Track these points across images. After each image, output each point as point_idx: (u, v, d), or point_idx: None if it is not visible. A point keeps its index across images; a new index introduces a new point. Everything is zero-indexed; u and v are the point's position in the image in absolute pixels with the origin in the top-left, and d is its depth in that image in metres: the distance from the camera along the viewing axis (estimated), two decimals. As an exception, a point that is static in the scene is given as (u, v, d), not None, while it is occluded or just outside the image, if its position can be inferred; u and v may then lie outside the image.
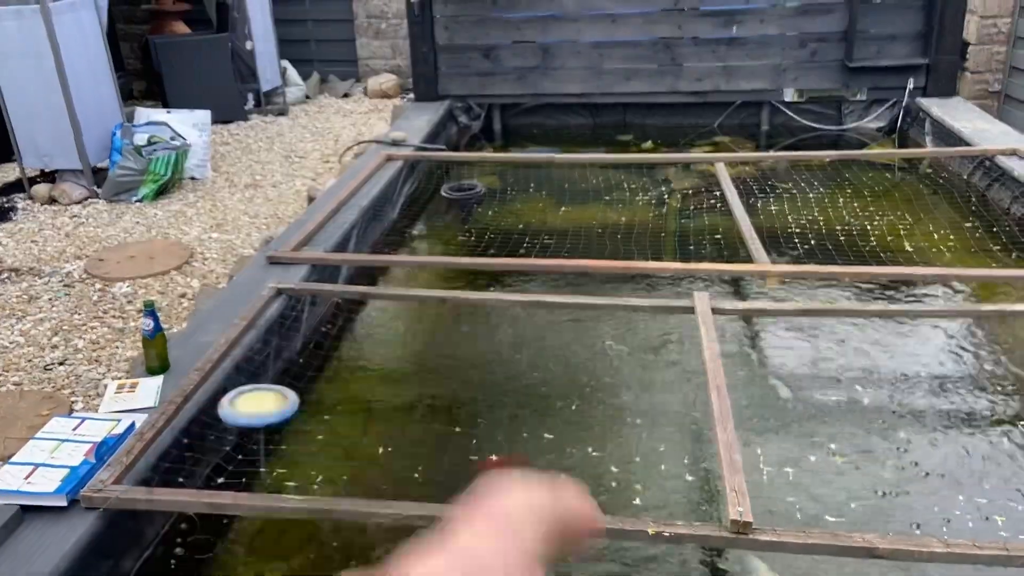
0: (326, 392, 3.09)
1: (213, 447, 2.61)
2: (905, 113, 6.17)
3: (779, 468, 2.55)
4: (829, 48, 6.18)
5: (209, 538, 2.33)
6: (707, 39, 6.29)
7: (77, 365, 3.66)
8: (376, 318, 3.72)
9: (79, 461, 2.21)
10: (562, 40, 6.41)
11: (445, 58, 6.56)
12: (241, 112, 7.80)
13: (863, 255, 3.92)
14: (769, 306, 3.30)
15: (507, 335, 3.51)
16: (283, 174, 6.29)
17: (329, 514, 2.11)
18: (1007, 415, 2.82)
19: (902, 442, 2.68)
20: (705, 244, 4.14)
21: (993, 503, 2.40)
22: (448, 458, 2.62)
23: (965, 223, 4.41)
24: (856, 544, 1.93)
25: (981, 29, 6.67)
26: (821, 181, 5.05)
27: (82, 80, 5.63)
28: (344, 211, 4.25)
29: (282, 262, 3.59)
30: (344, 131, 7.47)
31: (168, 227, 5.26)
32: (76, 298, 4.29)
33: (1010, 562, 1.89)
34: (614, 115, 6.77)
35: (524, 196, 5.05)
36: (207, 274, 4.56)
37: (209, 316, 3.15)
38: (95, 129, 5.75)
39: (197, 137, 6.18)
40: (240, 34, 7.78)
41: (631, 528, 2.00)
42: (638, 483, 2.52)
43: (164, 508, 2.21)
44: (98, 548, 2.08)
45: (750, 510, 1.97)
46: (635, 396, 2.99)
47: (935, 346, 3.27)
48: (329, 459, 2.68)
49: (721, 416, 2.36)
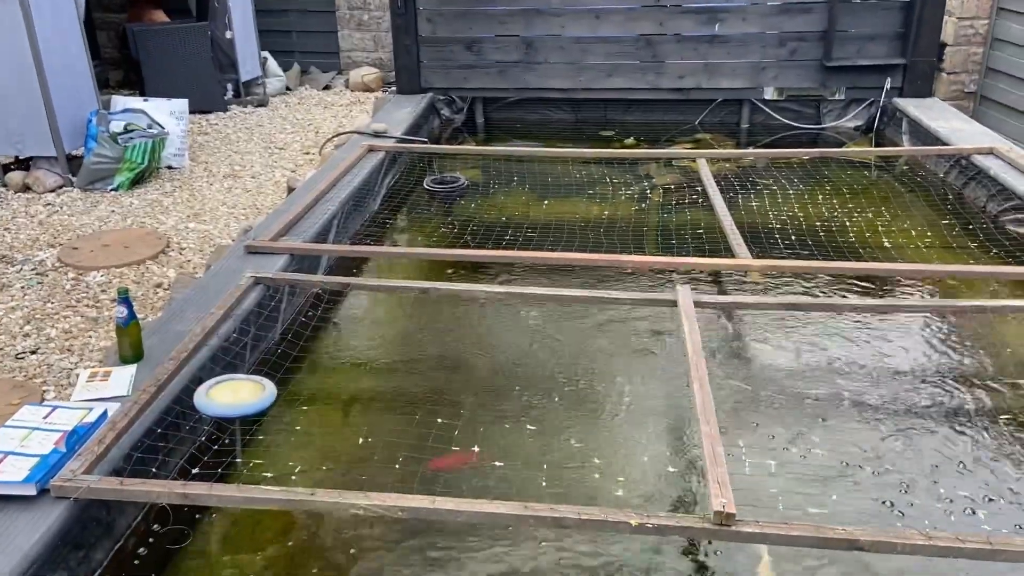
0: (304, 382, 3.05)
1: (188, 437, 2.57)
2: (882, 113, 6.22)
3: (761, 460, 2.55)
4: (809, 47, 6.22)
5: (184, 529, 2.29)
6: (689, 36, 6.30)
7: (49, 354, 3.59)
8: (356, 309, 3.68)
9: (49, 450, 2.16)
10: (545, 34, 6.39)
11: (428, 51, 6.52)
12: (220, 102, 7.71)
13: (842, 251, 3.94)
14: (750, 300, 3.30)
15: (488, 327, 3.49)
16: (262, 165, 6.22)
17: (306, 505, 2.07)
18: (985, 408, 2.84)
19: (882, 434, 2.69)
20: (687, 239, 4.14)
21: (975, 496, 2.41)
22: (428, 449, 2.59)
23: (942, 220, 4.44)
24: (838, 536, 1.93)
25: (958, 30, 6.74)
26: (800, 178, 5.07)
27: (57, 66, 5.53)
28: (324, 202, 4.21)
29: (260, 252, 3.55)
30: (325, 123, 7.40)
31: (144, 216, 5.18)
32: (49, 287, 4.21)
33: (993, 556, 1.89)
34: (596, 111, 6.77)
35: (507, 190, 5.03)
36: (184, 264, 4.50)
37: (185, 305, 3.10)
38: (70, 116, 5.65)
39: (175, 125, 6.09)
40: (220, 23, 7.68)
41: (614, 519, 1.98)
42: (621, 475, 2.51)
43: (136, 499, 2.16)
44: (68, 539, 2.04)
45: (733, 502, 1.97)
46: (618, 388, 2.98)
47: (913, 340, 3.29)
48: (307, 450, 2.65)
49: (703, 409, 2.36)
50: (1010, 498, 2.41)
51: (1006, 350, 3.21)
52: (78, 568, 2.07)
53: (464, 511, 2.02)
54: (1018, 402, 2.87)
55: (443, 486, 2.42)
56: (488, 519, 2.05)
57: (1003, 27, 6.51)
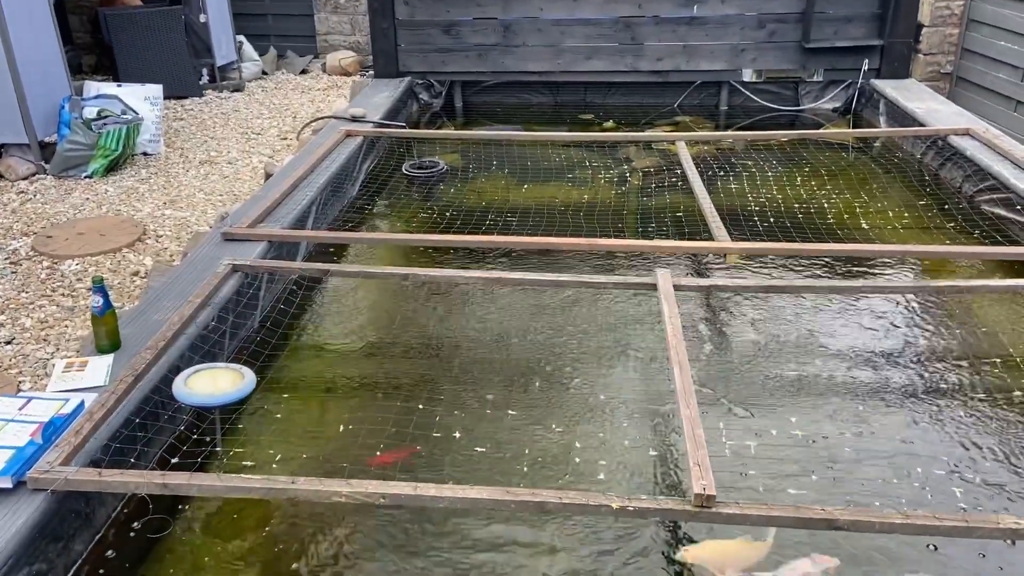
0: (284, 370, 3.03)
1: (167, 427, 2.55)
2: (860, 94, 6.25)
3: (741, 442, 2.56)
4: (787, 29, 6.22)
5: (164, 519, 2.28)
6: (668, 18, 6.28)
7: (24, 344, 3.54)
8: (336, 296, 3.65)
9: (25, 442, 2.14)
10: (523, 17, 6.35)
11: (405, 34, 6.47)
12: (195, 87, 7.61)
13: (820, 232, 3.96)
14: (730, 282, 3.31)
15: (469, 312, 3.48)
16: (239, 151, 6.15)
17: (287, 494, 2.06)
18: (962, 387, 2.87)
19: (860, 414, 2.72)
20: (666, 222, 4.14)
21: (951, 475, 2.44)
22: (410, 436, 2.58)
23: (919, 201, 4.48)
24: (817, 516, 1.95)
25: (934, 11, 6.77)
26: (779, 160, 5.09)
27: (28, 51, 5.43)
28: (302, 188, 4.17)
29: (238, 239, 3.51)
30: (302, 108, 7.33)
31: (120, 204, 5.12)
32: (23, 276, 4.15)
33: (969, 533, 1.92)
34: (575, 94, 6.75)
35: (486, 174, 5.00)
36: (160, 252, 4.45)
37: (162, 293, 3.07)
38: (42, 102, 5.56)
39: (149, 111, 6.01)
40: (194, 7, 7.57)
41: (596, 503, 1.99)
42: (602, 459, 2.52)
43: (115, 490, 2.15)
44: (46, 531, 2.02)
45: (713, 484, 1.98)
46: (599, 372, 2.98)
47: (891, 321, 3.32)
48: (287, 438, 2.64)
49: (684, 392, 2.37)
50: (984, 473, 2.44)
51: (981, 329, 3.25)
52: (57, 560, 2.06)
53: (446, 496, 2.02)
54: (993, 380, 2.90)
55: (425, 469, 2.43)
56: (470, 504, 2.05)
57: (979, 8, 6.54)
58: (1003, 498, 2.35)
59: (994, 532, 1.93)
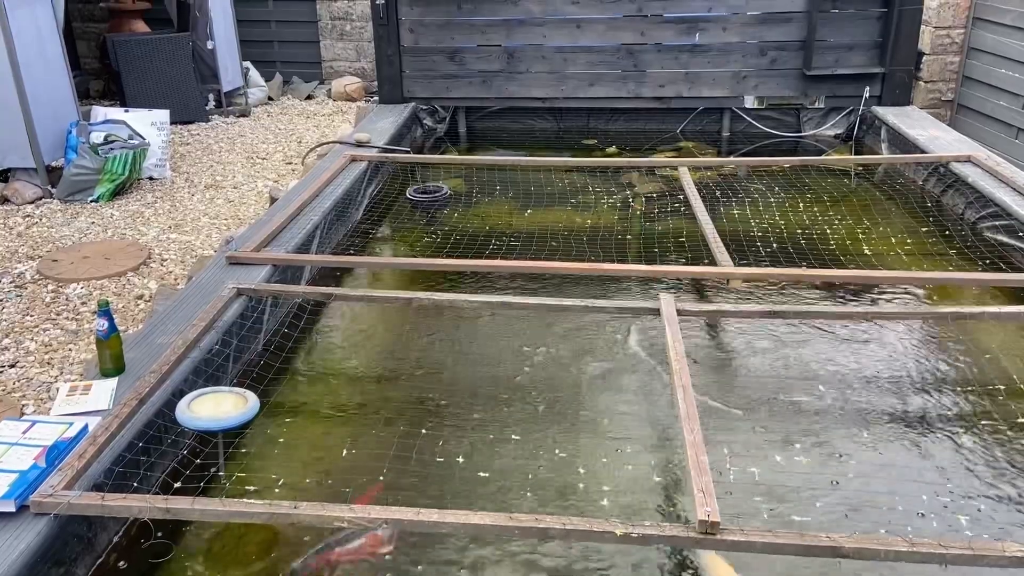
0: (288, 394, 3.03)
1: (170, 451, 2.55)
2: (861, 121, 6.28)
3: (744, 469, 2.56)
4: (788, 56, 6.28)
5: (166, 543, 2.27)
6: (670, 46, 6.34)
7: (28, 368, 3.55)
8: (340, 320, 3.66)
9: (28, 465, 2.14)
10: (527, 44, 6.42)
11: (410, 60, 6.53)
12: (202, 113, 7.67)
13: (823, 258, 3.97)
14: (733, 308, 3.31)
15: (472, 337, 3.48)
16: (244, 175, 6.19)
17: (290, 519, 2.06)
18: (967, 414, 2.86)
19: (865, 441, 2.71)
20: (669, 247, 4.16)
21: (957, 502, 2.43)
22: (413, 461, 2.58)
23: (921, 228, 4.49)
24: (822, 544, 1.94)
25: (935, 39, 6.82)
26: (781, 186, 5.11)
27: (36, 76, 5.49)
28: (307, 212, 4.19)
29: (242, 263, 3.53)
30: (307, 133, 7.38)
31: (125, 228, 5.14)
32: (28, 299, 4.17)
33: (975, 561, 1.91)
34: (578, 119, 6.80)
35: (489, 199, 5.03)
36: (165, 275, 4.46)
37: (167, 317, 3.08)
38: (50, 127, 5.60)
39: (156, 136, 6.05)
40: (201, 33, 7.65)
41: (600, 529, 1.98)
42: (606, 484, 2.51)
43: (118, 514, 2.14)
44: (48, 556, 2.02)
45: (717, 510, 1.97)
46: (602, 398, 2.98)
47: (895, 347, 3.32)
48: (290, 462, 2.63)
49: (687, 417, 2.36)
50: (990, 499, 2.43)
51: (985, 356, 3.24)
52: (58, 585, 2.05)
53: (448, 523, 2.02)
54: (996, 407, 2.89)
55: (428, 494, 2.42)
56: (473, 530, 2.04)
57: (979, 36, 6.60)
58: (1010, 525, 2.34)
59: (1000, 560, 1.92)
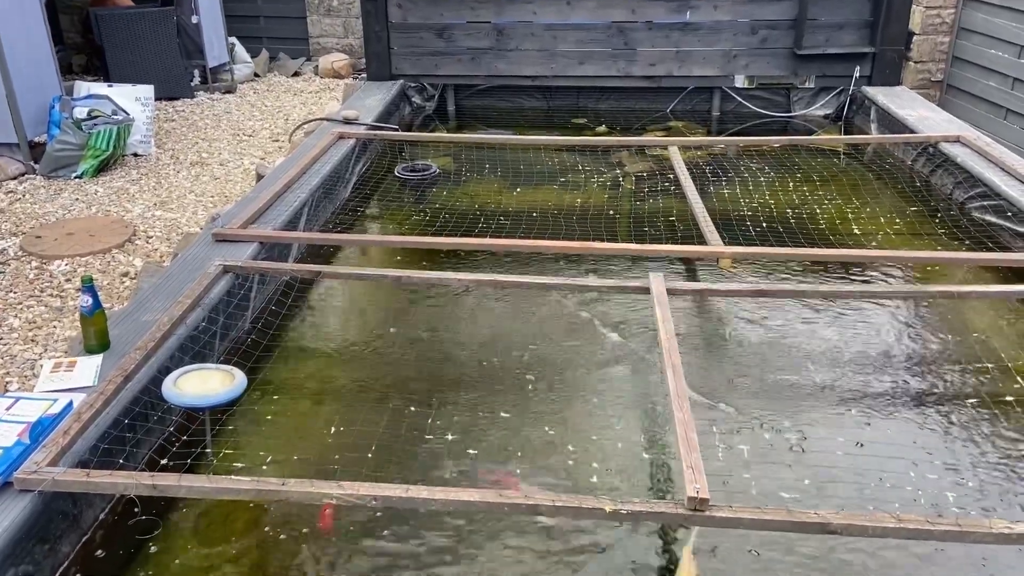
0: (275, 371, 3.01)
1: (156, 428, 2.52)
2: (851, 101, 6.27)
3: (734, 446, 2.56)
4: (779, 35, 6.25)
5: (153, 520, 2.25)
6: (661, 24, 6.29)
7: (12, 345, 3.51)
8: (328, 297, 3.64)
9: (12, 442, 2.11)
10: (516, 21, 6.35)
11: (398, 37, 6.46)
12: (187, 88, 7.58)
13: (812, 237, 3.97)
14: (722, 287, 3.31)
15: (462, 315, 3.47)
16: (231, 152, 6.12)
17: (277, 496, 2.05)
18: (954, 392, 2.88)
19: (853, 419, 2.72)
20: (659, 226, 4.14)
21: (944, 479, 2.44)
22: (402, 438, 2.57)
23: (910, 207, 4.50)
24: (810, 520, 1.95)
25: (925, 19, 6.80)
26: (771, 166, 5.10)
27: (18, 51, 5.39)
28: (294, 189, 4.15)
29: (229, 240, 3.49)
30: (294, 110, 7.31)
31: (109, 204, 5.08)
32: (11, 276, 4.12)
33: (962, 537, 1.92)
34: (568, 98, 6.76)
35: (478, 177, 5.00)
36: (150, 252, 4.42)
37: (152, 294, 3.05)
38: (32, 102, 5.52)
39: (140, 112, 5.97)
40: (186, 8, 7.54)
41: (589, 506, 1.98)
42: (595, 461, 2.51)
43: (103, 491, 2.13)
44: (33, 532, 2.00)
45: (706, 487, 1.97)
46: (592, 375, 2.98)
47: (883, 326, 3.33)
48: (278, 439, 2.62)
49: (677, 395, 2.36)
50: (976, 478, 2.45)
51: (972, 334, 3.26)
52: (44, 562, 2.04)
53: (438, 499, 2.01)
54: (982, 385, 2.91)
55: (417, 472, 2.41)
56: (462, 507, 2.04)
57: (969, 16, 6.59)
58: (996, 501, 2.36)
59: (987, 536, 1.93)
